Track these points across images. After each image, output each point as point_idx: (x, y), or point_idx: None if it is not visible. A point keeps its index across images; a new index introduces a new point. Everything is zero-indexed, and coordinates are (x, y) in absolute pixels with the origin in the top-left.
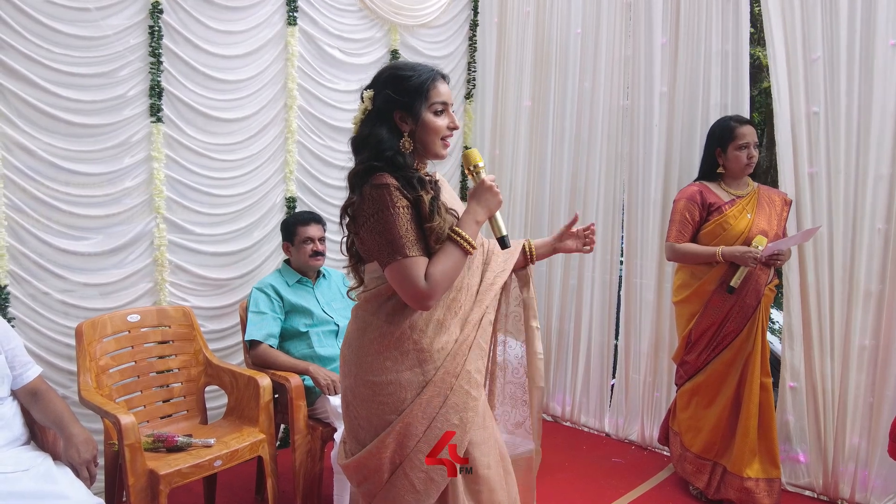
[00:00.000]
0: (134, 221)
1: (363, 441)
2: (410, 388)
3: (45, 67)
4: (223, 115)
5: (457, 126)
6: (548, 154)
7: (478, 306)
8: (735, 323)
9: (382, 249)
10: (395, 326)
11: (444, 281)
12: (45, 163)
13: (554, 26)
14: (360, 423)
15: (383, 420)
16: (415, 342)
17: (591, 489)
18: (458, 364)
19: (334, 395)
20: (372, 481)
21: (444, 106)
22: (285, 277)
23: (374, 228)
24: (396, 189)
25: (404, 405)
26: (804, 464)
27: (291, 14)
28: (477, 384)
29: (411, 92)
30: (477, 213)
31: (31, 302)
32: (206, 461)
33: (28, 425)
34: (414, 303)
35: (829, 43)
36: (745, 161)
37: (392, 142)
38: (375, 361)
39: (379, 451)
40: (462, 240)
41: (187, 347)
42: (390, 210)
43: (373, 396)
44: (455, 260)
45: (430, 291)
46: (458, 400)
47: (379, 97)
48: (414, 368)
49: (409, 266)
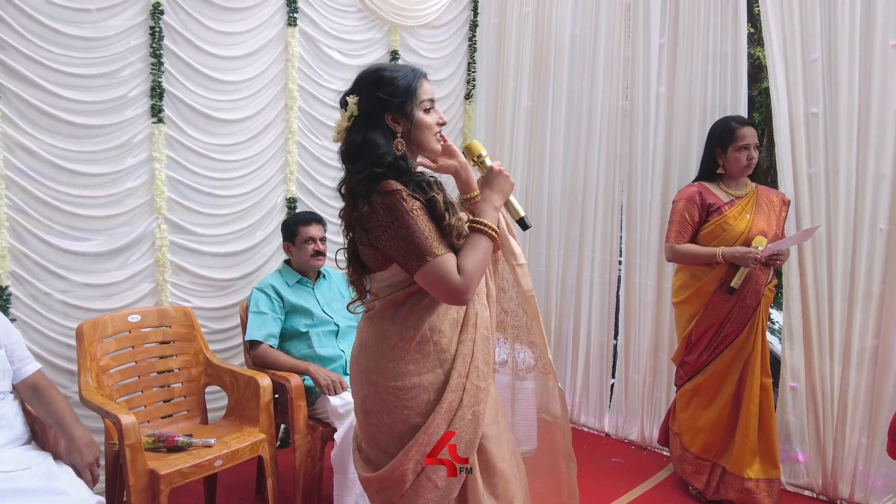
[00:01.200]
0: (135, 222)
1: (385, 447)
2: (433, 390)
3: (47, 68)
4: (224, 115)
5: (445, 121)
6: (546, 154)
7: (478, 300)
8: (735, 324)
9: (409, 255)
10: (415, 330)
11: (476, 272)
12: (47, 163)
13: (553, 27)
14: (381, 430)
15: (409, 424)
16: (435, 343)
17: (590, 489)
18: (467, 363)
19: (334, 396)
20: (392, 490)
21: (432, 103)
22: (285, 278)
23: (397, 235)
24: (407, 193)
25: (429, 406)
26: (804, 463)
27: (291, 15)
28: (485, 375)
29: (401, 93)
30: (494, 200)
31: (32, 302)
32: (207, 461)
33: (29, 424)
34: (451, 299)
35: (828, 43)
36: (745, 163)
37: (388, 146)
38: (398, 366)
39: (402, 464)
40: (487, 228)
41: (188, 348)
42: (409, 214)
43: (396, 402)
44: (484, 248)
45: (466, 285)
46: (470, 397)
47: (367, 102)
48: (435, 370)
49: (440, 265)
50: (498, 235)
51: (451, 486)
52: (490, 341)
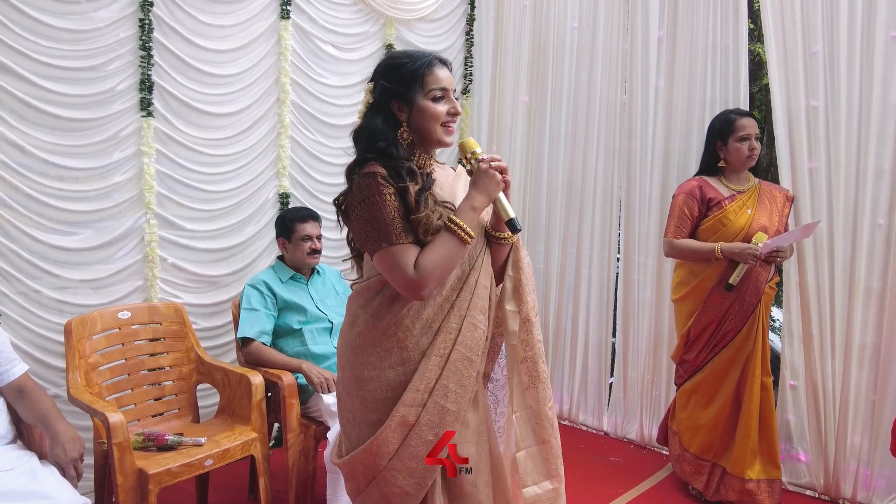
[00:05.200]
0: (124, 217)
1: (349, 434)
2: (390, 388)
3: (33, 61)
4: (215, 109)
5: (458, 112)
6: (545, 149)
7: (477, 314)
8: (734, 321)
9: (369, 237)
10: (379, 321)
11: (435, 270)
12: (34, 158)
13: (551, 20)
14: (347, 417)
15: (366, 417)
16: (399, 340)
17: (589, 488)
18: (431, 379)
19: (327, 394)
20: (352, 484)
21: (444, 91)
22: (278, 274)
23: (361, 216)
24: (383, 178)
25: (385, 404)
26: (805, 463)
27: (284, 7)
28: (456, 398)
29: (406, 80)
30: (474, 200)
31: (19, 298)
32: (197, 460)
33: (14, 423)
34: (405, 292)
35: (828, 36)
36: (747, 153)
37: (386, 132)
38: (361, 356)
39: (352, 464)
40: (456, 227)
41: (179, 345)
42: (376, 197)
43: (357, 391)
44: (448, 248)
45: (419, 280)
46: (432, 416)
47: (377, 88)
48: (396, 367)
49: (396, 253)
50: (469, 237)
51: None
52: (473, 364)
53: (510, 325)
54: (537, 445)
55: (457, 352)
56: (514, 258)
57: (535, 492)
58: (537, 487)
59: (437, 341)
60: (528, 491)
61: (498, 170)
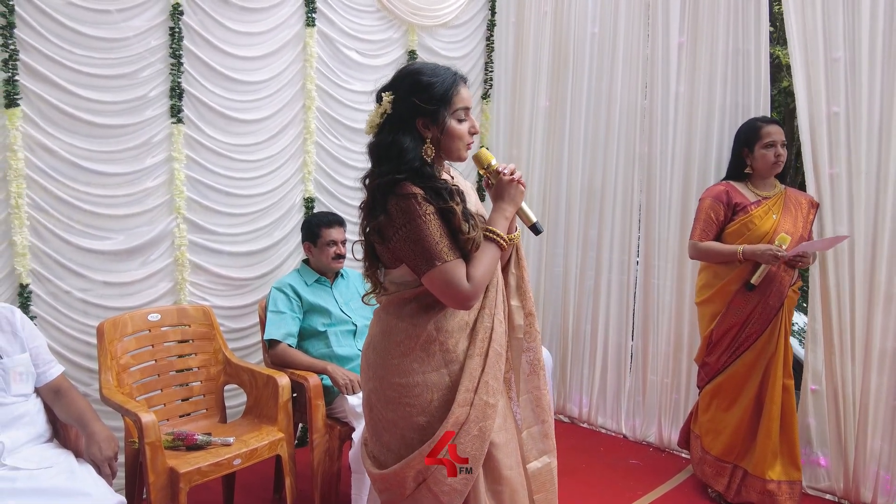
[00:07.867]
0: (155, 221)
1: (388, 444)
2: (437, 390)
3: (67, 69)
4: (243, 115)
5: (477, 130)
6: (564, 154)
7: (496, 312)
8: (757, 324)
9: (419, 258)
10: (421, 329)
11: (484, 280)
12: (67, 163)
13: (571, 26)
14: (384, 427)
15: (410, 422)
16: (441, 343)
17: (607, 491)
18: (476, 377)
19: (352, 395)
20: (394, 492)
21: (466, 112)
22: (304, 277)
23: (408, 238)
24: (423, 198)
25: (431, 406)
26: (825, 467)
27: (310, 15)
28: (494, 391)
29: (436, 100)
30: (505, 210)
31: (52, 300)
32: (226, 460)
33: (51, 423)
34: (457, 305)
35: (850, 43)
36: (773, 160)
37: (416, 151)
38: (402, 363)
39: (403, 471)
40: (498, 237)
41: (207, 346)
42: (421, 218)
43: (399, 398)
44: (493, 257)
45: (474, 292)
46: (478, 413)
47: (401, 104)
48: (440, 370)
49: (448, 270)
50: (508, 244)
51: (453, 500)
52: (503, 357)
53: (516, 319)
54: (537, 425)
55: (492, 349)
56: (518, 256)
57: (536, 466)
58: (538, 462)
59: (476, 340)
60: (530, 466)
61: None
